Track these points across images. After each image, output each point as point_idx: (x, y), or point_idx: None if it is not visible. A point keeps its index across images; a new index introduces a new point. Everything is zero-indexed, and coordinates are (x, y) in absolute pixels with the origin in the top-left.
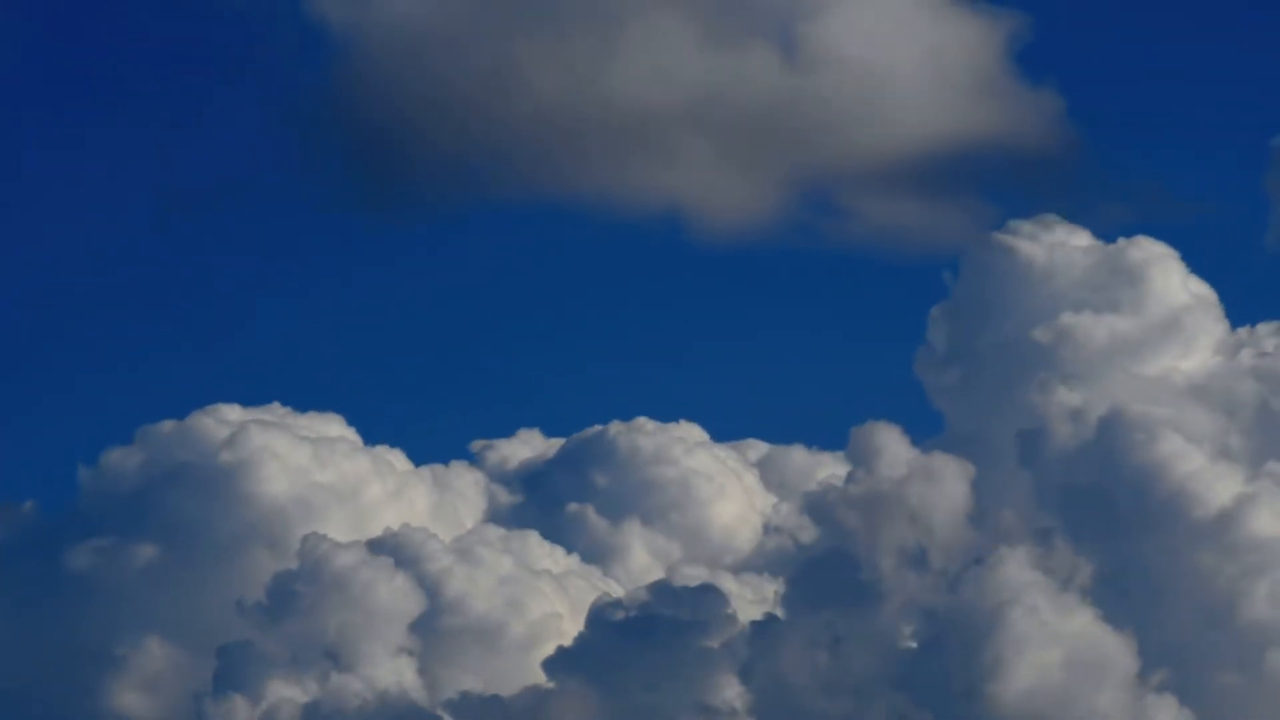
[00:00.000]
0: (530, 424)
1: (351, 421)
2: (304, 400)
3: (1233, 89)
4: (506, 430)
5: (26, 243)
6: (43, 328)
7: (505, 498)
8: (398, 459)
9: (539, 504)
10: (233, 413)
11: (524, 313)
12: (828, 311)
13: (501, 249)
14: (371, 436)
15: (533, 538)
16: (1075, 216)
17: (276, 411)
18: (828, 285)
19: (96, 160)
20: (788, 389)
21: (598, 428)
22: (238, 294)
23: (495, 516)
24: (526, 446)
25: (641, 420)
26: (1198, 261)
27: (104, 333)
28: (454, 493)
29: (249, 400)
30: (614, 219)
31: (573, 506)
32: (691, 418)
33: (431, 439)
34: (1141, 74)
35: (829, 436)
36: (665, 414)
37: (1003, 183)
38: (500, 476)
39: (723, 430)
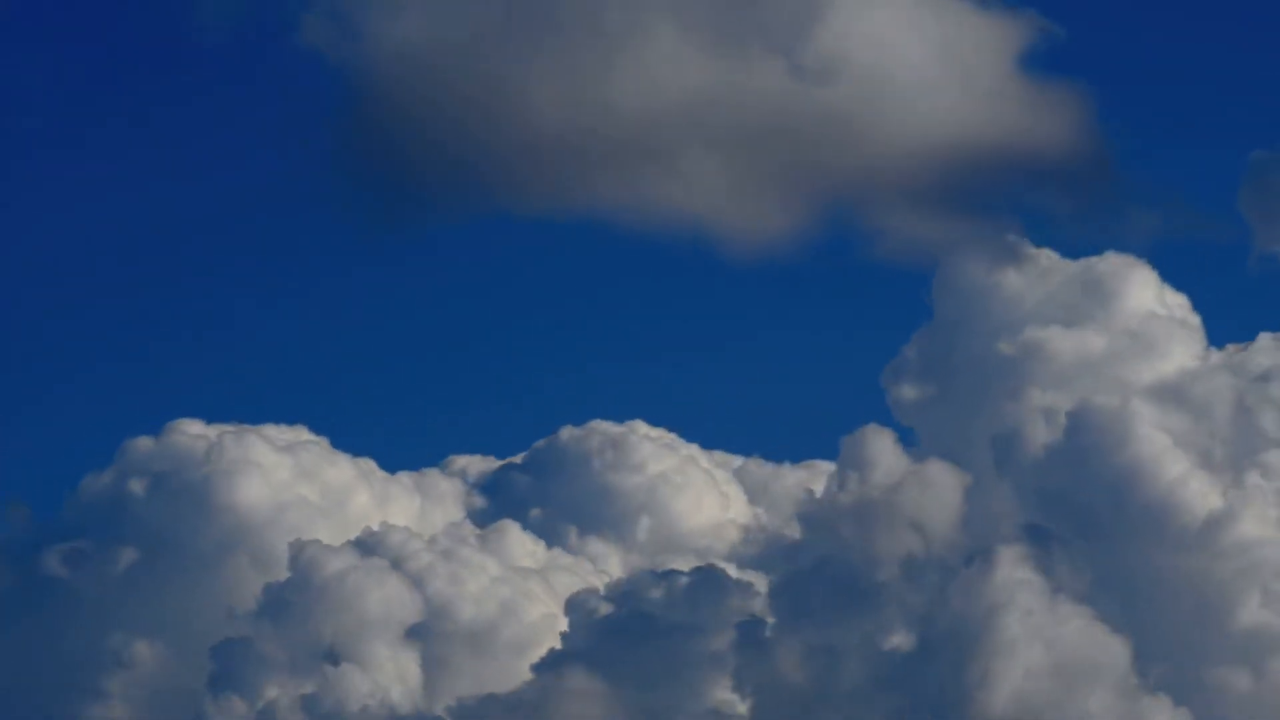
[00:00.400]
0: (504, 429)
1: (317, 432)
2: (267, 412)
3: (1268, 92)
4: (483, 435)
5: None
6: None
7: (484, 502)
8: (373, 468)
9: (516, 509)
10: (197, 426)
11: (510, 321)
12: (827, 325)
13: (499, 260)
14: (341, 446)
15: (514, 531)
16: (1105, 227)
17: (240, 427)
18: (834, 299)
19: (89, 175)
20: (782, 401)
21: (569, 433)
22: (222, 305)
23: (476, 520)
24: (500, 453)
25: (599, 423)
26: (1216, 274)
27: (86, 342)
28: (434, 499)
29: (222, 413)
30: (618, 232)
31: (555, 511)
32: (684, 426)
33: (408, 446)
34: (1175, 76)
35: (799, 449)
36: (663, 421)
37: (1029, 193)
38: (478, 482)
39: (709, 439)
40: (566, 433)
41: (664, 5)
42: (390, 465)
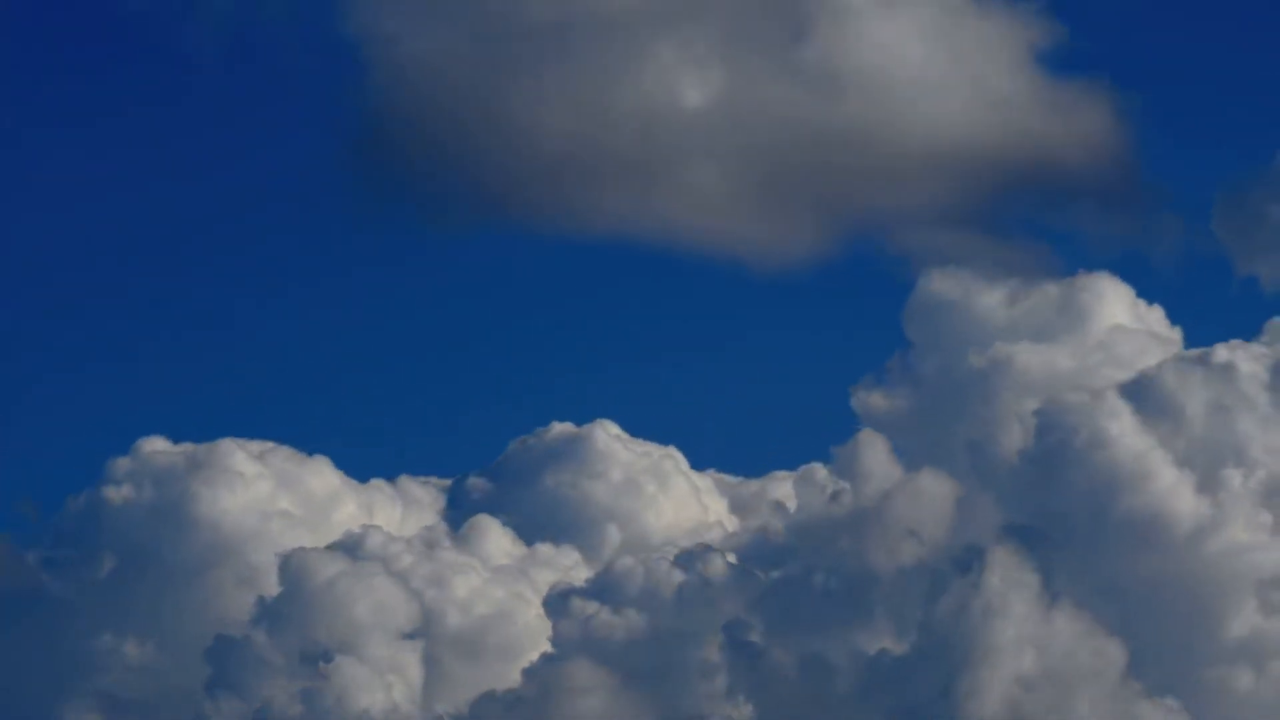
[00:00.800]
0: (485, 434)
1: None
2: (233, 427)
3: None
4: (446, 446)
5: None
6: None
7: (466, 507)
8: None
9: (496, 512)
10: (165, 443)
11: (495, 329)
12: (827, 333)
13: (500, 269)
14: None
15: (498, 529)
16: (1133, 237)
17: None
18: (837, 308)
19: (87, 178)
20: (760, 410)
21: (546, 438)
22: (212, 315)
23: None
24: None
25: (562, 425)
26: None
27: (68, 347)
28: (415, 503)
29: (189, 431)
30: (626, 244)
31: (538, 515)
32: (675, 438)
33: (392, 454)
34: (1197, 76)
35: (766, 461)
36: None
37: (1050, 205)
38: (454, 488)
39: (697, 454)
40: (545, 437)
41: (672, 18)
42: (364, 475)
